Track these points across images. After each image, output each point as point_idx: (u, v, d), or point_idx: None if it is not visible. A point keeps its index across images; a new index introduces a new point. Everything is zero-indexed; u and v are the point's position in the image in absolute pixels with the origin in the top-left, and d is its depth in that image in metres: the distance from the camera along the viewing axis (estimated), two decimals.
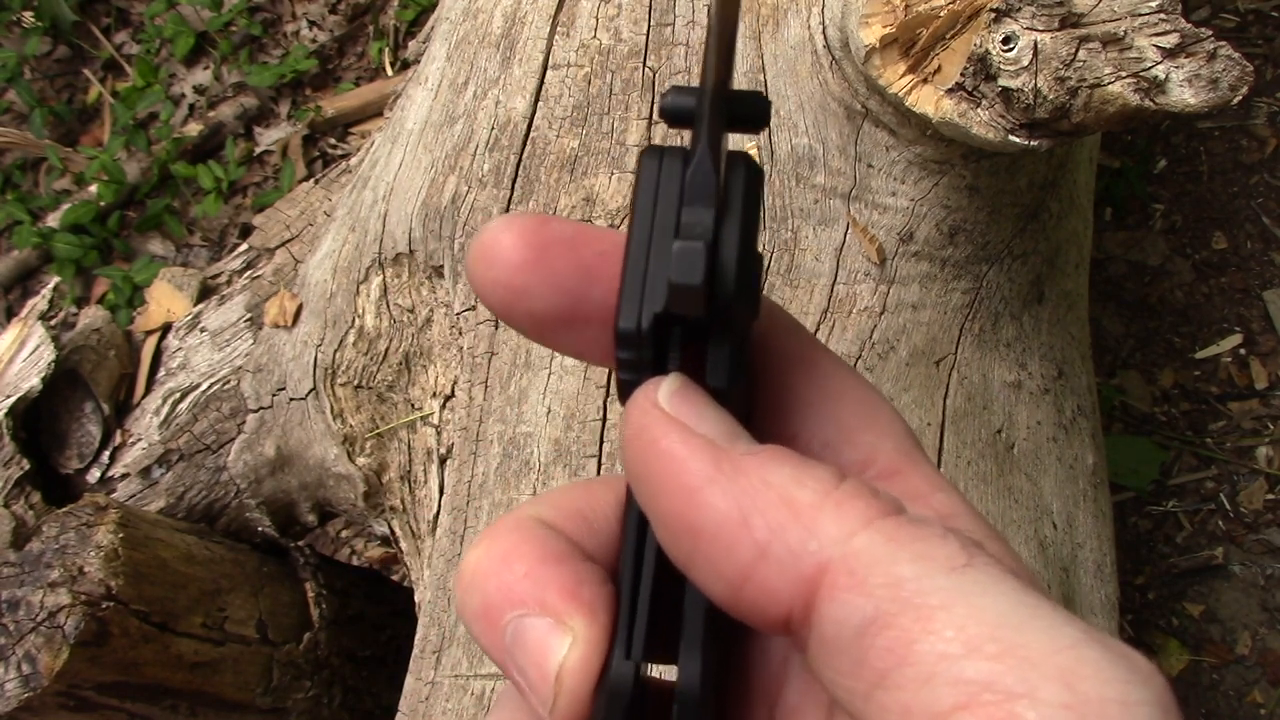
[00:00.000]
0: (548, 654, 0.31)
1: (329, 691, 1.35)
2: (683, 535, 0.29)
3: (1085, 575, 1.06)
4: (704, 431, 0.29)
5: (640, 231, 0.31)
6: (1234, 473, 1.87)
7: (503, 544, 0.33)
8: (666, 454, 0.29)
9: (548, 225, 0.33)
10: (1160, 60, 0.75)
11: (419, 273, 1.16)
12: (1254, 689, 1.71)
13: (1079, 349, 1.17)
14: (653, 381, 0.31)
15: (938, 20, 0.83)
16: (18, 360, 1.34)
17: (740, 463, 0.28)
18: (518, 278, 0.33)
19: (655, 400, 0.30)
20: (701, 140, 0.31)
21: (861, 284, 1.00)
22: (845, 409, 0.34)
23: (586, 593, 0.31)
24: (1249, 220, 2.04)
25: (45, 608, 1.08)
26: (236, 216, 2.24)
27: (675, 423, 0.29)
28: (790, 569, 0.27)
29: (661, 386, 0.30)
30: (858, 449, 0.33)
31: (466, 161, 1.12)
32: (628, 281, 0.31)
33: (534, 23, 1.11)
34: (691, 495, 0.28)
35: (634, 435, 0.30)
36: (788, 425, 0.34)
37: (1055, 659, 0.24)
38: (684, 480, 0.28)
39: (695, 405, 0.30)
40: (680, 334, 0.32)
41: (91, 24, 2.41)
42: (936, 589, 0.25)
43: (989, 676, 0.24)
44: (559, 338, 0.34)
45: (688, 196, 0.31)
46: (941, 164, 0.96)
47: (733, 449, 0.29)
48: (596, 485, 0.36)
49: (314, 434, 1.29)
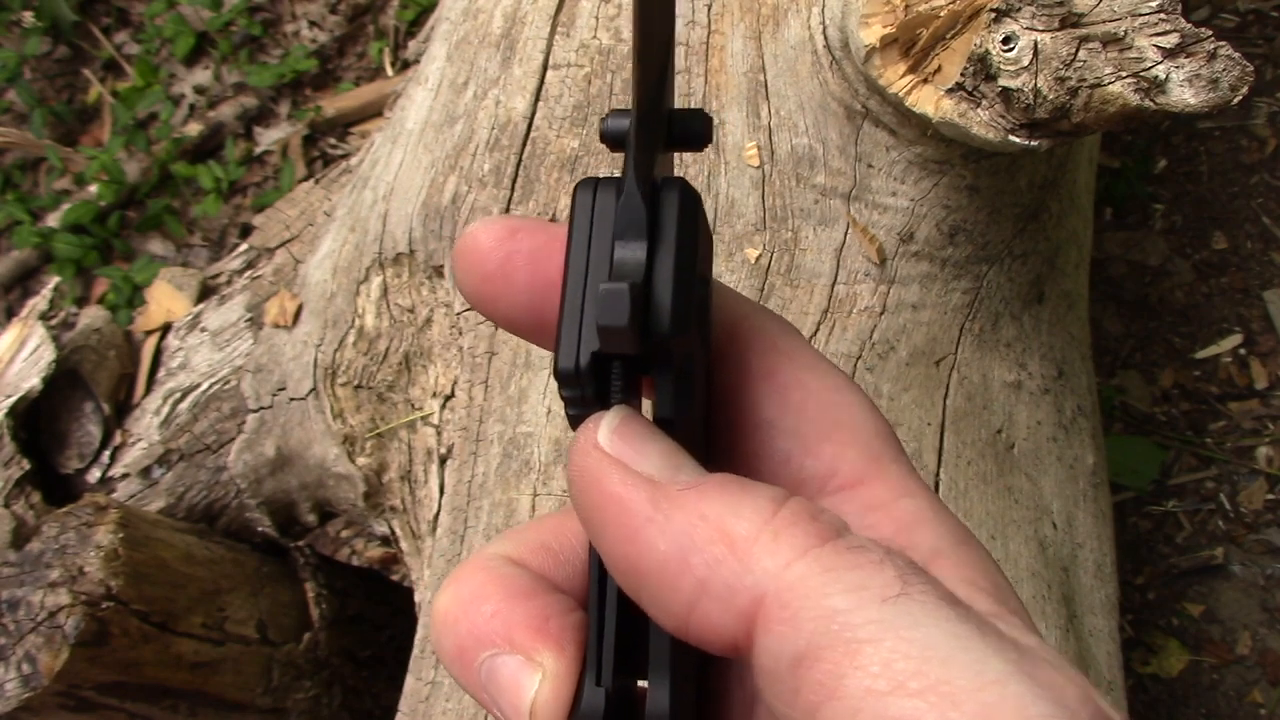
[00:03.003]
0: (520, 691, 0.31)
1: (329, 691, 1.35)
2: (629, 573, 0.29)
3: (1085, 575, 1.06)
4: (643, 468, 0.29)
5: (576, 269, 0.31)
6: (1234, 473, 1.87)
7: (470, 585, 0.33)
8: (607, 495, 0.29)
9: (515, 236, 0.33)
10: (1160, 60, 0.75)
11: (419, 273, 1.16)
12: (1254, 689, 1.71)
13: (1079, 349, 1.17)
14: (593, 420, 0.31)
15: (938, 20, 0.83)
16: (18, 360, 1.34)
17: (678, 499, 0.28)
18: (487, 286, 0.34)
19: (595, 441, 0.30)
20: (630, 170, 0.31)
21: (861, 284, 1.00)
22: (805, 421, 0.34)
23: (553, 626, 0.32)
24: (1249, 220, 2.04)
25: (45, 608, 1.08)
26: (236, 216, 2.24)
27: (614, 463, 0.29)
28: (729, 603, 0.27)
29: (602, 425, 0.30)
30: (820, 460, 0.33)
31: (466, 161, 1.12)
32: (565, 321, 0.31)
33: (534, 23, 1.11)
34: (633, 536, 0.28)
35: (576, 477, 0.30)
36: (749, 441, 0.34)
37: (979, 695, 0.24)
38: (625, 521, 0.29)
39: (635, 441, 0.30)
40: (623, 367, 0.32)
41: (91, 24, 2.41)
42: (867, 622, 0.25)
43: (911, 714, 0.24)
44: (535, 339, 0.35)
45: (619, 230, 0.30)
46: (941, 164, 0.96)
47: (672, 483, 0.29)
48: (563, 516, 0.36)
49: (314, 434, 1.29)
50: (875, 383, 0.99)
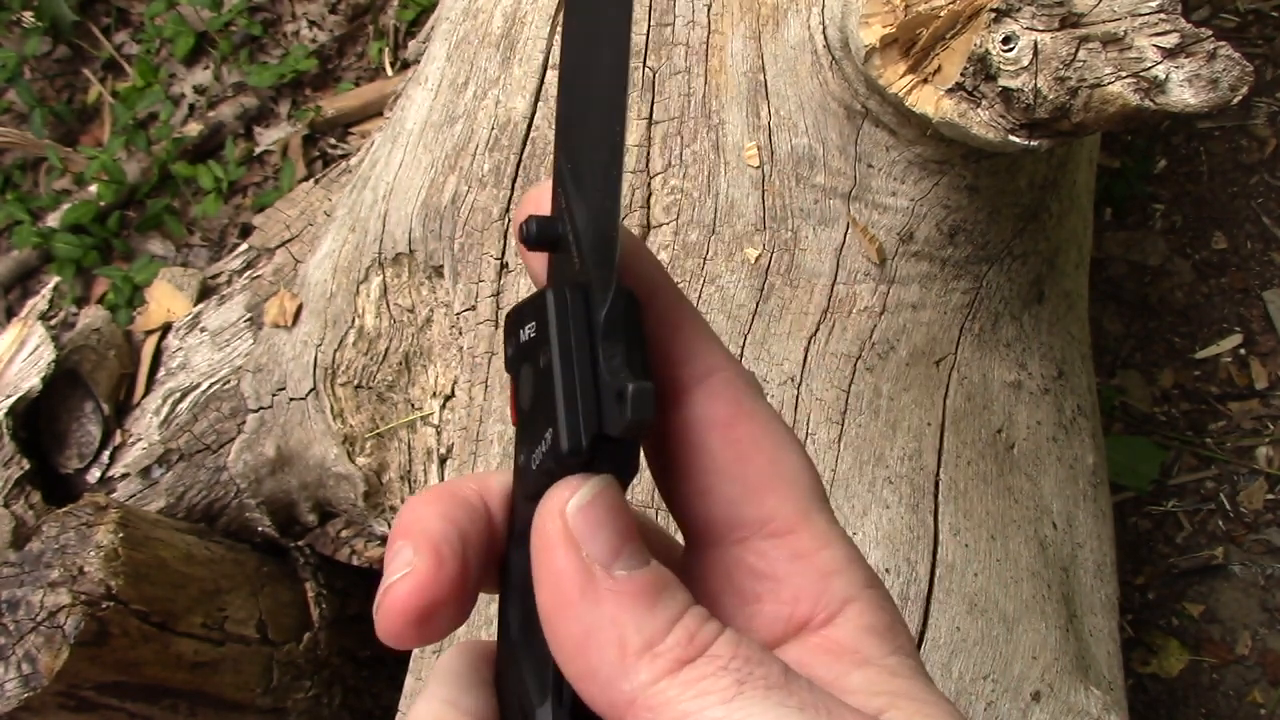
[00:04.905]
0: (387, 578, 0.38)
1: (329, 691, 1.35)
2: (547, 623, 0.36)
3: (1085, 575, 1.06)
4: (589, 550, 0.35)
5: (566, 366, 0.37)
6: (1234, 473, 1.87)
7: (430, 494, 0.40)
8: (551, 564, 0.35)
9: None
10: (1160, 60, 0.75)
11: (419, 273, 1.16)
12: (1254, 689, 1.71)
13: (1079, 349, 1.17)
14: (568, 484, 0.36)
15: (938, 20, 0.83)
16: (18, 360, 1.34)
17: (601, 596, 0.35)
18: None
19: (561, 509, 0.36)
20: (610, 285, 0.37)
21: (861, 284, 1.00)
22: (752, 471, 0.39)
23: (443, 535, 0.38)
24: (1249, 220, 2.04)
25: (45, 608, 1.08)
26: (236, 216, 2.24)
27: (567, 538, 0.35)
28: (609, 693, 0.34)
29: (575, 495, 0.36)
30: (760, 508, 0.39)
31: (466, 161, 1.12)
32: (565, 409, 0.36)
33: (534, 23, 1.11)
34: (560, 605, 0.35)
35: (536, 531, 0.36)
36: (704, 478, 0.40)
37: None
38: (558, 591, 0.35)
39: (593, 523, 0.36)
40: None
41: (91, 24, 2.41)
42: (712, 718, 0.33)
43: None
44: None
45: (605, 334, 0.37)
46: (941, 164, 0.96)
47: (605, 577, 0.35)
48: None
49: (314, 434, 1.29)
50: (875, 383, 0.99)
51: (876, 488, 0.95)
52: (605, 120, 0.38)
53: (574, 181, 0.39)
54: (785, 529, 0.39)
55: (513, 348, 0.40)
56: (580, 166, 0.39)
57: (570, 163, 0.40)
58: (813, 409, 0.97)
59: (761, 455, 0.40)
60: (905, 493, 0.95)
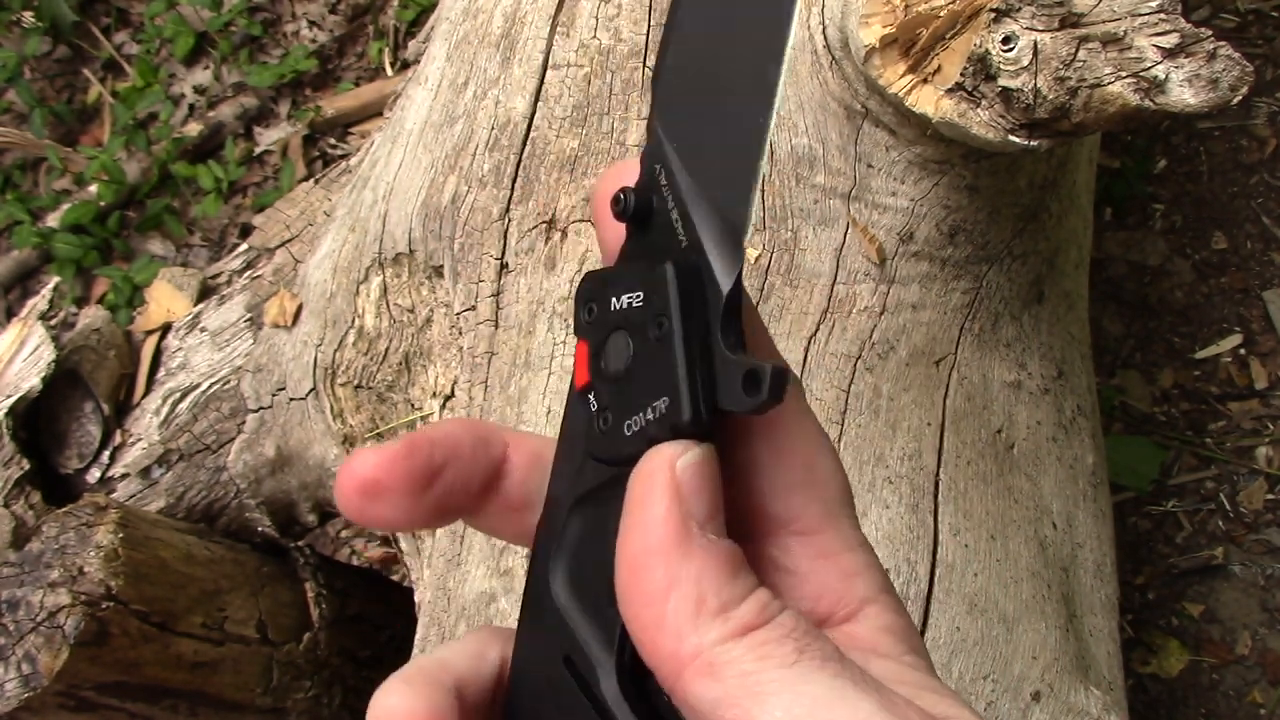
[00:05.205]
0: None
1: (329, 691, 1.35)
2: (625, 565, 0.37)
3: (1085, 575, 1.06)
4: (691, 506, 0.37)
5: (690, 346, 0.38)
6: (1234, 473, 1.87)
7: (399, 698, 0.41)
8: (652, 508, 0.36)
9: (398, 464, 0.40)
10: (1160, 60, 0.75)
11: (419, 273, 1.16)
12: (1254, 689, 1.71)
13: (1079, 349, 1.17)
14: (684, 443, 0.37)
15: (938, 20, 0.83)
16: (18, 360, 1.34)
17: (692, 552, 0.36)
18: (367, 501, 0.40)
19: (672, 462, 0.37)
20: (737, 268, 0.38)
21: (861, 284, 1.00)
22: (786, 469, 0.41)
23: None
24: (1249, 220, 2.04)
25: (45, 608, 1.08)
26: (236, 216, 2.24)
27: (676, 490, 0.36)
28: (676, 644, 0.35)
29: (689, 452, 0.37)
30: (789, 505, 0.41)
31: (466, 161, 1.12)
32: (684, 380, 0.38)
33: (534, 23, 1.11)
34: (647, 549, 0.36)
35: (644, 475, 0.37)
36: (734, 473, 0.41)
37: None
38: (649, 535, 0.36)
39: (699, 483, 0.37)
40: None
41: (91, 24, 2.41)
42: (770, 680, 0.34)
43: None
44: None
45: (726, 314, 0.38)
46: (941, 164, 0.96)
47: (699, 533, 0.36)
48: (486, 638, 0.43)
49: (314, 434, 1.29)
50: (875, 383, 0.99)
51: (876, 488, 0.95)
52: (748, 105, 0.39)
53: (688, 160, 0.40)
54: (812, 529, 0.41)
55: (593, 313, 0.41)
56: (703, 146, 0.40)
57: (680, 141, 0.40)
58: (813, 409, 0.96)
59: (797, 456, 0.41)
60: (905, 493, 0.95)
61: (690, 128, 0.40)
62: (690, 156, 0.40)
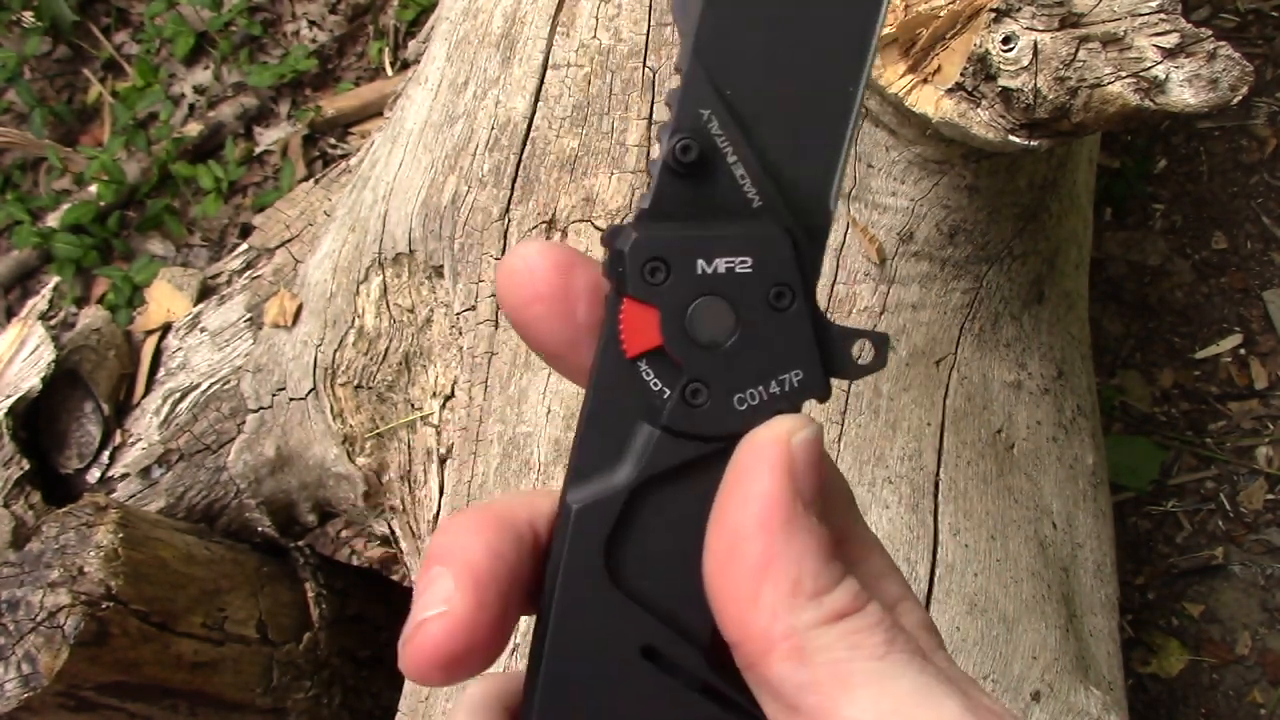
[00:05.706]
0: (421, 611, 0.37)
1: (329, 691, 1.35)
2: (721, 535, 0.36)
3: (1085, 575, 1.06)
4: (801, 485, 0.36)
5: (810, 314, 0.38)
6: (1234, 473, 1.87)
7: (466, 517, 0.39)
8: (762, 482, 0.35)
9: (573, 270, 0.38)
10: (1160, 60, 0.75)
11: (419, 273, 1.16)
12: (1254, 689, 1.71)
13: (1079, 349, 1.17)
14: (804, 417, 0.37)
15: (938, 20, 0.83)
16: (18, 360, 1.34)
17: (796, 530, 0.35)
18: (535, 308, 0.38)
19: (789, 433, 0.36)
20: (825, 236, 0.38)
21: (861, 284, 1.00)
22: None
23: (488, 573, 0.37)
24: (1249, 220, 2.04)
25: (45, 608, 1.08)
26: (236, 216, 2.24)
27: (787, 462, 0.36)
28: (766, 621, 0.35)
29: (807, 427, 0.37)
30: None
31: (466, 161, 1.11)
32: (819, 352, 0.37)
33: (534, 23, 1.11)
34: (753, 525, 0.35)
35: (757, 444, 0.36)
36: None
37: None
38: (755, 507, 0.35)
39: (810, 459, 0.36)
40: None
41: (91, 24, 2.41)
42: (859, 671, 0.34)
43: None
44: (562, 366, 0.40)
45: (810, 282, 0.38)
46: (941, 164, 0.96)
47: (804, 513, 0.35)
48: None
49: (314, 434, 1.29)
50: (875, 383, 0.99)
51: (876, 488, 0.95)
52: (836, 75, 0.37)
53: (752, 110, 0.37)
54: (840, 537, 0.40)
55: (668, 275, 0.37)
56: (773, 97, 0.37)
57: (737, 88, 0.37)
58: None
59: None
60: (905, 493, 0.95)
61: (749, 75, 0.37)
62: (756, 106, 0.37)
